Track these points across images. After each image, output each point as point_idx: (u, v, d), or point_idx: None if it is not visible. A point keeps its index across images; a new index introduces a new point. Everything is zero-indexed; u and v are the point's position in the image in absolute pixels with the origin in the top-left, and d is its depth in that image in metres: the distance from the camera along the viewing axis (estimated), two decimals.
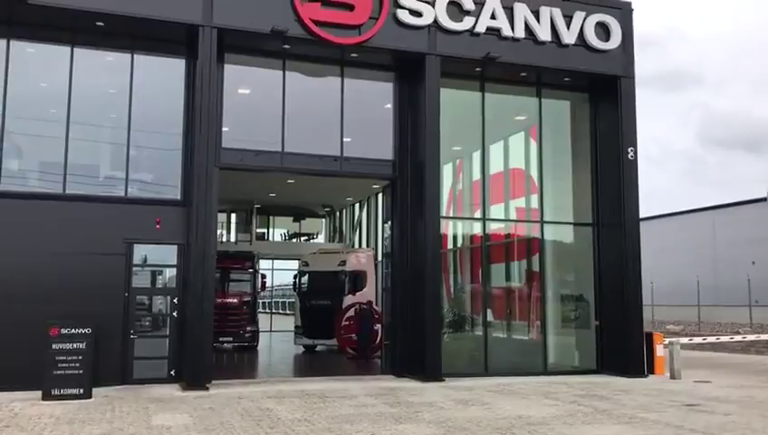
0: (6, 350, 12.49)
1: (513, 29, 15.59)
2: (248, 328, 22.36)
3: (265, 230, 31.16)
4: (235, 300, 22.29)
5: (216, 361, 18.64)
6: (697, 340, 19.10)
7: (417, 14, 14.99)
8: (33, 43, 14.09)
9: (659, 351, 16.19)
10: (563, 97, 17.64)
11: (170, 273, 14.42)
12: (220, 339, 20.85)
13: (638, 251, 16.23)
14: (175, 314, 13.96)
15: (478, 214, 16.76)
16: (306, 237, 32.40)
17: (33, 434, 8.95)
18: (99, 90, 14.46)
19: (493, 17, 15.45)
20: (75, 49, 14.00)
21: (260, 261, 25.23)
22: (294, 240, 32.14)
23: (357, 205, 27.40)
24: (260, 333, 23.73)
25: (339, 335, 20.12)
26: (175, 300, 14.01)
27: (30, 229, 13.23)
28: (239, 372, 17.31)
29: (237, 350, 22.14)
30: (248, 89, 15.46)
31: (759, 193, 39.34)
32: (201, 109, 13.73)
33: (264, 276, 24.45)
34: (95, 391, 12.04)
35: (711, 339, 19.67)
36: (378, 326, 19.38)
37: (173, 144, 14.56)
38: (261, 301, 29.11)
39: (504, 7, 15.55)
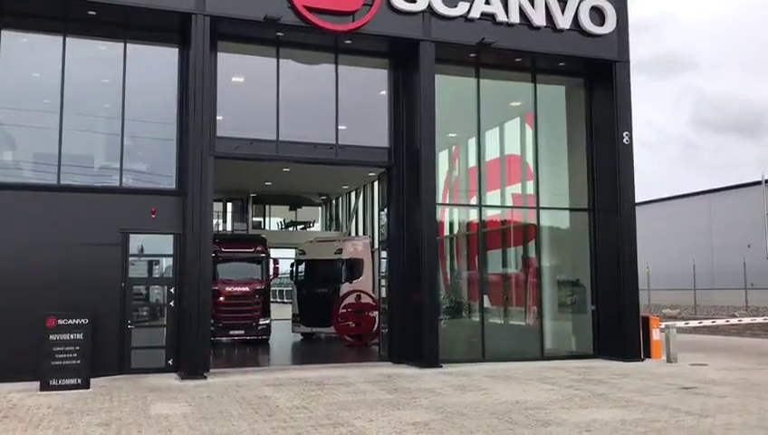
0: (3, 341, 12.49)
1: (507, 14, 15.52)
2: (261, 320, 20.36)
3: (261, 219, 31.12)
4: (247, 289, 20.41)
5: (225, 354, 18.55)
6: (693, 323, 19.18)
7: None
8: (24, 33, 13.99)
9: (656, 335, 16.24)
10: (558, 82, 17.60)
11: (167, 262, 14.39)
12: (230, 332, 19.86)
13: (633, 236, 16.25)
14: (172, 303, 13.96)
15: (474, 200, 16.75)
16: (302, 226, 32.39)
17: (31, 425, 8.96)
18: (92, 79, 14.37)
19: (487, 2, 15.37)
20: (67, 38, 13.90)
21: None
22: (291, 229, 32.14)
23: (353, 193, 27.39)
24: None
25: (336, 323, 20.15)
26: (172, 289, 14.00)
27: (25, 221, 13.17)
28: (237, 361, 17.35)
29: (250, 343, 20.54)
30: (242, 77, 15.38)
31: (753, 176, 39.45)
32: (195, 98, 13.67)
33: (276, 262, 22.73)
34: (93, 381, 12.06)
35: (707, 322, 19.75)
36: (375, 314, 19.42)
37: (167, 133, 14.49)
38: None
39: None
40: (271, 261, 21.97)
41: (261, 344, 20.54)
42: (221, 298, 19.66)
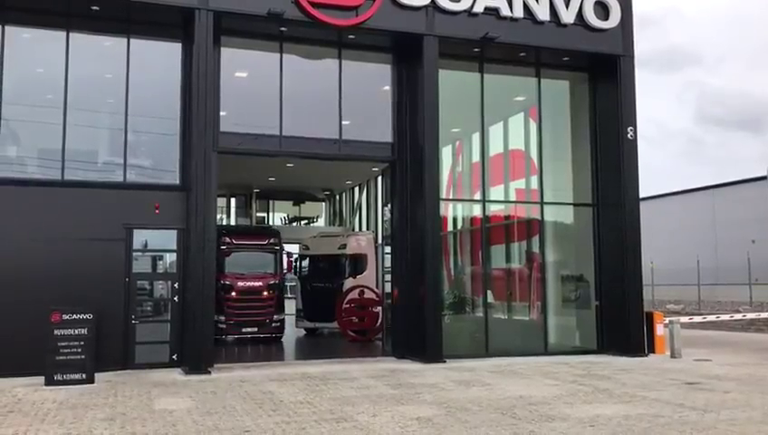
0: (8, 336, 12.52)
1: (511, 9, 15.48)
2: (275, 316, 19.56)
3: (265, 214, 31.13)
4: (260, 283, 19.63)
5: (229, 349, 18.35)
6: (697, 319, 19.16)
7: None
8: (28, 29, 14.00)
9: (659, 330, 16.24)
10: (563, 77, 17.56)
11: (171, 258, 14.41)
12: (243, 330, 19.15)
13: (637, 231, 16.23)
14: (176, 298, 13.98)
15: (478, 196, 16.73)
16: (306, 221, 32.39)
17: (36, 419, 8.99)
18: (95, 75, 14.37)
19: None
20: (71, 34, 13.89)
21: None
22: (294, 224, 32.14)
23: (356, 188, 27.37)
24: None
25: (340, 318, 20.17)
26: (175, 285, 14.02)
27: (29, 216, 13.20)
28: (241, 356, 17.37)
29: (262, 341, 19.67)
30: (245, 72, 15.37)
31: (757, 172, 39.25)
32: (198, 93, 13.67)
33: (290, 255, 22.00)
34: (97, 376, 12.08)
35: (711, 318, 19.72)
36: (378, 309, 19.42)
37: (171, 129, 14.49)
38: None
39: None
40: (284, 254, 21.25)
41: (272, 342, 19.88)
42: (233, 293, 19.19)
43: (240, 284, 19.43)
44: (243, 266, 19.77)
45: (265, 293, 19.67)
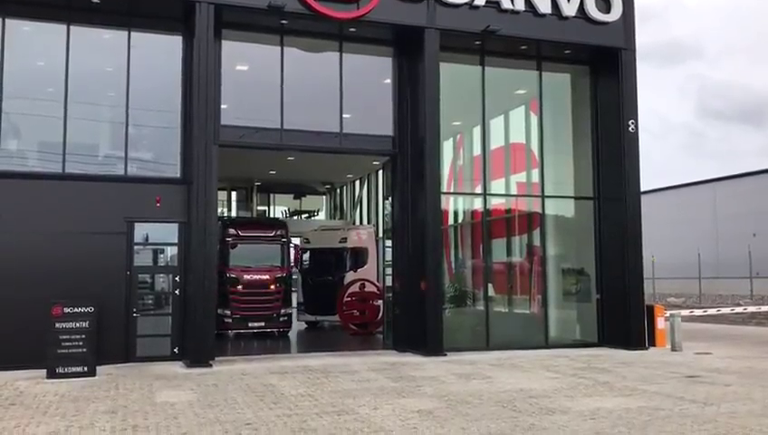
0: (10, 329, 12.55)
1: (512, 1, 15.45)
2: (282, 311, 19.17)
3: (266, 208, 31.11)
4: (267, 276, 19.14)
5: (231, 342, 18.35)
6: (698, 312, 19.16)
7: None
8: (28, 21, 13.97)
9: (660, 323, 16.26)
10: (564, 70, 17.53)
11: (172, 251, 14.42)
12: (249, 324, 18.80)
13: (638, 224, 16.22)
14: (177, 292, 14.00)
15: (479, 189, 16.71)
16: (307, 215, 32.38)
17: (38, 412, 9.01)
18: (96, 68, 14.37)
19: None
20: (71, 27, 13.87)
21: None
22: (295, 218, 32.13)
23: (357, 182, 27.35)
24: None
25: (341, 312, 20.19)
26: (177, 278, 14.04)
27: (30, 209, 13.21)
28: (242, 349, 17.41)
29: (266, 335, 19.34)
30: (246, 65, 15.36)
31: (758, 165, 39.26)
32: (199, 86, 13.66)
33: (297, 248, 21.59)
34: (99, 368, 12.12)
35: (712, 311, 19.72)
36: (379, 302, 19.44)
37: (172, 122, 14.50)
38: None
39: None
40: (291, 246, 20.78)
41: (274, 335, 19.62)
42: (239, 287, 18.92)
43: (246, 277, 19.08)
44: (249, 259, 19.37)
45: (272, 286, 19.19)
